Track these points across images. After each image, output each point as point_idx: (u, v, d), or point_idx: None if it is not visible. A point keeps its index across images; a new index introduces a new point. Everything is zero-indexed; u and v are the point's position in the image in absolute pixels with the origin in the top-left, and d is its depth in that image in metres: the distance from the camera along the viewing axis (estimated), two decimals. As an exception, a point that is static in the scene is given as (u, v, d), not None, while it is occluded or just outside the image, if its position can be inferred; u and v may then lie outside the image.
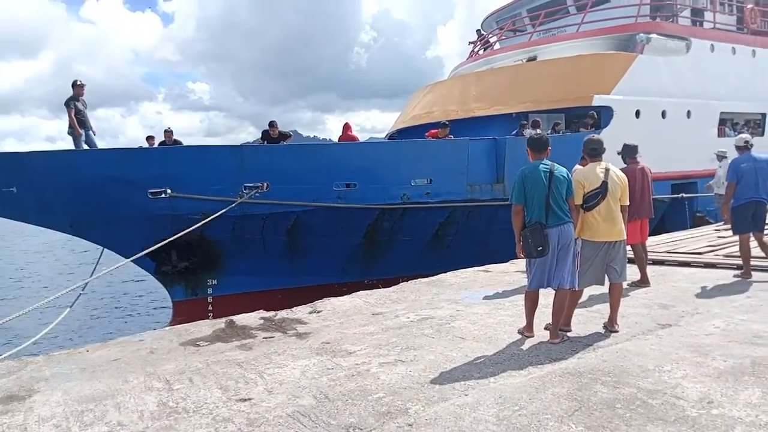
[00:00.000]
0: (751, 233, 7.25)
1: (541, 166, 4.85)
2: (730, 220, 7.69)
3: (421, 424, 3.37)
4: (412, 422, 3.40)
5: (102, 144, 11.23)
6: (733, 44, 16.92)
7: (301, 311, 6.60)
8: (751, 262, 7.26)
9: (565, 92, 14.27)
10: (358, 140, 13.14)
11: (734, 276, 7.28)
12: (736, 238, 7.55)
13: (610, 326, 5.16)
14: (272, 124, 11.95)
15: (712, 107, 16.22)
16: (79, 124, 10.20)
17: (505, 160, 11.98)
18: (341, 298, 7.20)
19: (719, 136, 16.24)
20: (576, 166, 6.16)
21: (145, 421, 3.61)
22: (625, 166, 6.86)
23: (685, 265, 8.26)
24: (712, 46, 16.33)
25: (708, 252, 8.88)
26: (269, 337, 5.53)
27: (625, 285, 5.55)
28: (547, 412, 3.46)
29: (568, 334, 5.05)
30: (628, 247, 6.08)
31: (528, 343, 4.90)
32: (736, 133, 12.45)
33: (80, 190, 9.58)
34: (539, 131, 11.73)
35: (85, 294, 12.05)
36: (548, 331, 5.01)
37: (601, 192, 4.99)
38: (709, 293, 6.53)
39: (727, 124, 17.23)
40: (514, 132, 13.09)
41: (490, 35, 20.07)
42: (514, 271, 8.32)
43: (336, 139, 13.30)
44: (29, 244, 36.47)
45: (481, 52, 19.83)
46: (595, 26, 15.88)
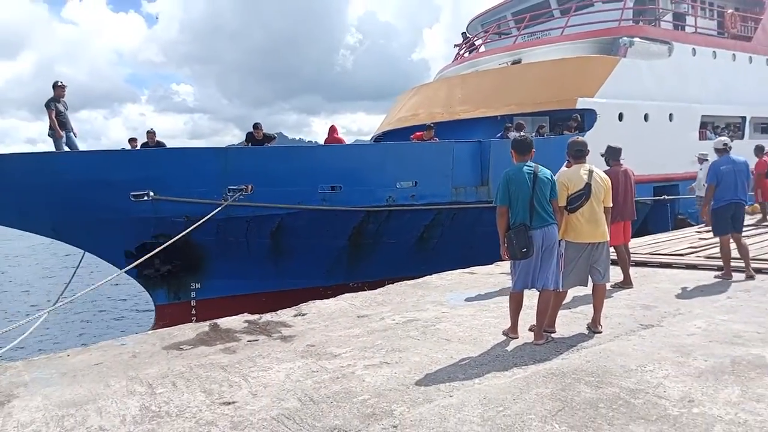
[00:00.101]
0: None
1: (525, 168, 4.87)
2: (710, 222, 7.80)
3: (406, 426, 3.36)
4: (397, 424, 3.39)
5: (84, 146, 11.10)
6: (714, 48, 17.20)
7: (285, 314, 6.56)
8: (732, 263, 7.37)
9: (550, 95, 14.38)
10: (344, 143, 13.13)
11: (715, 277, 7.38)
12: (717, 239, 7.65)
13: (594, 327, 5.19)
14: (257, 126, 11.91)
15: (694, 110, 16.45)
16: (60, 125, 10.05)
17: (489, 162, 12.04)
18: (326, 301, 7.16)
19: (700, 139, 16.47)
20: (563, 168, 6.20)
21: (127, 426, 3.56)
22: (608, 168, 6.92)
23: (667, 266, 8.35)
24: (694, 50, 16.58)
25: (689, 253, 9.00)
26: (253, 341, 5.49)
27: (608, 286, 5.60)
28: (531, 412, 3.47)
29: (553, 335, 5.07)
30: (612, 249, 6.13)
31: (513, 345, 4.92)
32: (717, 137, 12.65)
33: (61, 193, 9.45)
34: (523, 134, 11.81)
35: (65, 298, 11.88)
36: (533, 333, 5.03)
37: (584, 194, 5.02)
38: (691, 294, 6.61)
39: (708, 127, 17.48)
40: (499, 135, 13.17)
41: (476, 38, 20.19)
42: (498, 273, 8.36)
43: (322, 141, 13.27)
44: (10, 248, 35.90)
45: (467, 55, 19.94)
46: (579, 30, 16.06)
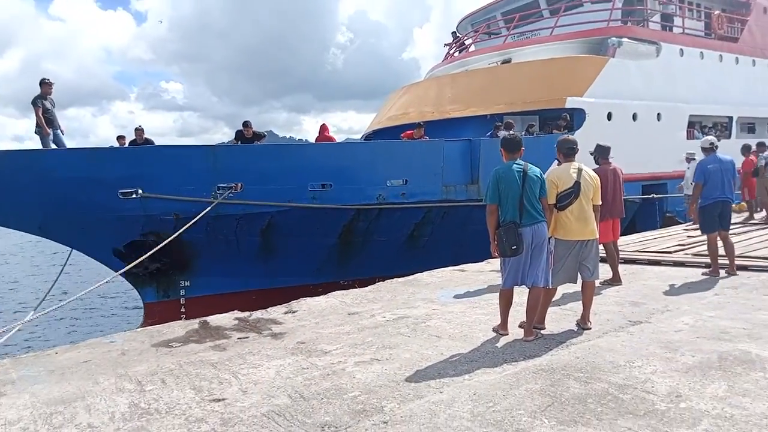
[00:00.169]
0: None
1: (515, 166, 4.89)
2: (698, 220, 7.87)
3: (397, 422, 3.37)
4: (387, 420, 3.40)
5: (73, 144, 11.01)
6: (702, 49, 17.38)
7: (276, 311, 6.54)
8: (719, 261, 7.44)
9: (539, 94, 14.45)
10: (335, 141, 13.11)
11: (703, 274, 7.45)
12: (705, 237, 7.73)
13: (583, 323, 5.23)
14: (246, 124, 11.86)
15: (682, 110, 16.61)
16: (47, 123, 9.97)
17: (479, 161, 12.09)
18: (317, 298, 7.15)
19: (688, 138, 16.63)
20: (553, 165, 6.23)
21: (116, 423, 3.54)
22: (597, 166, 6.97)
23: (656, 263, 8.43)
24: (681, 50, 16.73)
25: (677, 251, 9.07)
26: (244, 338, 5.47)
27: (597, 283, 5.63)
28: (521, 407, 3.49)
29: (542, 332, 5.10)
30: (601, 246, 6.17)
31: (502, 341, 4.95)
32: (704, 136, 12.79)
33: (49, 190, 9.37)
34: (513, 132, 11.86)
35: (53, 296, 11.80)
36: (522, 329, 5.05)
37: (574, 192, 5.04)
38: (679, 291, 6.67)
39: (696, 126, 17.65)
40: (489, 133, 13.21)
41: (466, 37, 20.24)
42: (489, 270, 8.39)
43: (312, 139, 13.24)
44: (-3, 246, 35.60)
45: (457, 55, 19.99)
46: (568, 30, 16.15)
